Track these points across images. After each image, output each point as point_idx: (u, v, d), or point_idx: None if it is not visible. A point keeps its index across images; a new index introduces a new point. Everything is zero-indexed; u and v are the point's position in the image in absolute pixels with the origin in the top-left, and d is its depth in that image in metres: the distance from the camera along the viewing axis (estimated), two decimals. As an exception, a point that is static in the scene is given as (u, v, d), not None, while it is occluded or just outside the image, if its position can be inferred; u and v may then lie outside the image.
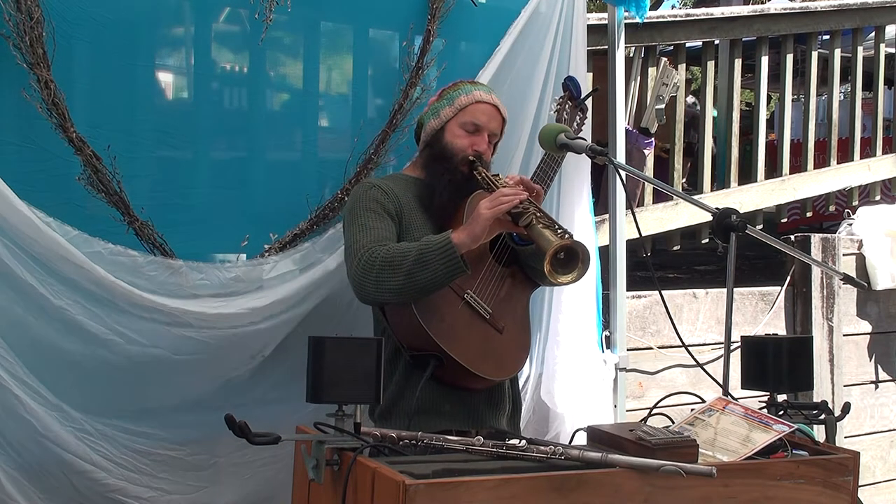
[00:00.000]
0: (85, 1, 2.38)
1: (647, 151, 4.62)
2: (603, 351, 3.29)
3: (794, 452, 1.92)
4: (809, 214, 5.30)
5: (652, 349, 3.81)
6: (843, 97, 6.09)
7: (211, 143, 2.67)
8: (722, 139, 5.15)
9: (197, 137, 2.62)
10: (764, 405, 2.20)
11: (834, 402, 4.13)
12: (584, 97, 2.84)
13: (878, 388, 4.52)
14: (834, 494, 1.90)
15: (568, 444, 1.97)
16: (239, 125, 2.72)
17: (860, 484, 1.96)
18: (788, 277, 4.27)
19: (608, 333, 3.35)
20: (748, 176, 4.80)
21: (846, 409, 2.28)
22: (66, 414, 2.38)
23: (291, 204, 2.69)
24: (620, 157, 3.36)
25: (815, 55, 5.03)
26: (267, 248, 2.64)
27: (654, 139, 4.67)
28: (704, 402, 2.09)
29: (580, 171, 3.17)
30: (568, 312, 3.13)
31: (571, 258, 2.19)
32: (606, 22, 3.44)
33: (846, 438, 4.24)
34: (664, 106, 4.56)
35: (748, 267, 5.27)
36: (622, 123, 3.43)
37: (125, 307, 2.38)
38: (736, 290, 3.64)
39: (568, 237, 2.17)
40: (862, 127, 5.25)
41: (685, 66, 4.68)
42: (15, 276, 2.26)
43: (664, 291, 3.09)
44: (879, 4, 5.15)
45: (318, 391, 1.80)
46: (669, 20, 4.41)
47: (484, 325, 2.38)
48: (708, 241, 4.53)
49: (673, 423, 2.09)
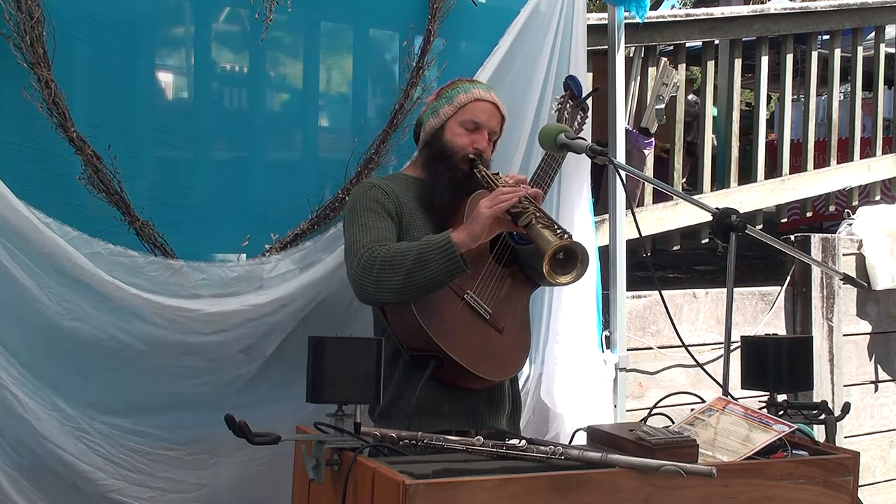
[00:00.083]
0: (85, 1, 2.38)
1: (647, 151, 4.62)
2: (603, 351, 3.28)
3: (794, 452, 1.92)
4: (809, 214, 5.31)
5: (652, 349, 3.81)
6: (842, 97, 6.09)
7: (211, 142, 2.67)
8: (722, 139, 5.15)
9: (197, 137, 2.62)
10: (764, 405, 2.20)
11: (834, 402, 4.12)
12: (584, 97, 2.84)
13: (877, 388, 4.52)
14: (834, 494, 1.90)
15: (568, 444, 1.97)
16: (239, 125, 2.72)
17: (860, 484, 1.96)
18: (788, 277, 4.27)
19: (608, 333, 3.35)
20: (748, 176, 4.80)
21: (846, 409, 2.28)
22: (64, 413, 2.38)
23: (292, 204, 2.69)
24: (620, 157, 3.36)
25: (815, 55, 5.03)
26: (268, 247, 2.64)
27: (654, 139, 4.68)
28: (704, 402, 2.09)
29: (580, 171, 3.17)
30: (568, 312, 3.13)
31: (570, 259, 2.19)
32: (606, 22, 3.44)
33: (846, 438, 4.24)
34: (664, 106, 4.56)
35: (748, 267, 5.27)
36: (622, 123, 3.43)
37: (125, 307, 2.38)
38: (736, 290, 3.64)
39: (567, 237, 2.17)
40: (862, 127, 5.25)
41: (685, 65, 4.68)
42: (13, 276, 2.26)
43: (664, 291, 3.08)
44: (879, 4, 5.15)
45: (318, 391, 1.81)
46: (669, 20, 4.40)
47: (484, 325, 2.38)
48: (708, 241, 4.53)
49: (673, 423, 2.09)
